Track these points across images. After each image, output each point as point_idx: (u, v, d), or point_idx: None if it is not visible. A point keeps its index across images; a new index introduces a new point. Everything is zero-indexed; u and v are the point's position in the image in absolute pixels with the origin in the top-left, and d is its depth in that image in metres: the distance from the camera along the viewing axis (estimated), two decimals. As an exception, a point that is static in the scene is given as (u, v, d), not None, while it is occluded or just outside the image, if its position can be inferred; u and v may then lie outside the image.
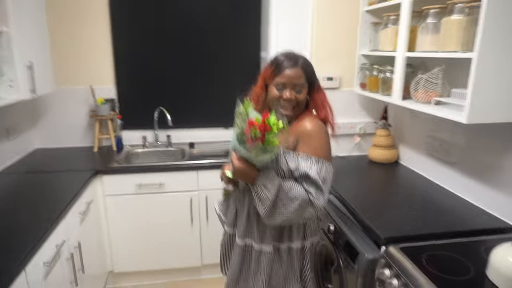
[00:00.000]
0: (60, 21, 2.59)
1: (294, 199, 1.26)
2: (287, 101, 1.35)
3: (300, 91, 1.36)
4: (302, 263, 1.48)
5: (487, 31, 1.28)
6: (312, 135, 1.33)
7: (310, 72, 1.39)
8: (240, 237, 1.46)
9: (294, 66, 1.35)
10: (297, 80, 1.34)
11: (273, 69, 1.38)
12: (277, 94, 1.36)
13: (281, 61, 1.37)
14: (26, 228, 1.54)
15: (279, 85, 1.36)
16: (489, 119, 1.40)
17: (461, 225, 1.55)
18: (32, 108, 2.68)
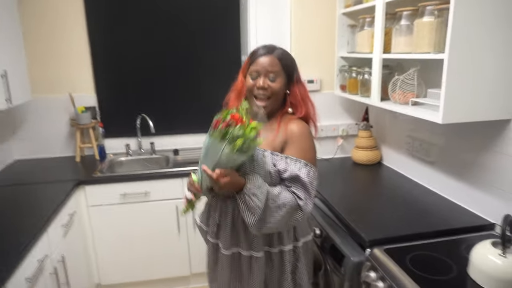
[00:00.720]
0: (35, 28, 2.55)
1: (282, 206, 1.25)
2: (261, 90, 1.33)
3: (274, 79, 1.33)
4: (294, 265, 1.45)
5: (456, 32, 1.31)
6: (300, 137, 1.33)
7: (287, 62, 1.36)
8: (225, 248, 1.40)
9: (268, 54, 1.33)
10: (271, 67, 1.32)
11: (248, 58, 1.39)
12: (251, 83, 1.35)
13: (256, 50, 1.37)
14: (5, 244, 1.51)
15: (253, 73, 1.35)
16: (464, 118, 1.44)
17: (443, 224, 1.58)
18: (9, 118, 2.62)
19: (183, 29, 2.77)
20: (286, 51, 1.38)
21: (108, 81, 2.76)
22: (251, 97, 1.37)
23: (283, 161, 1.31)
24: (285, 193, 1.27)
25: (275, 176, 1.31)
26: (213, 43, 2.82)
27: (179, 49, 2.79)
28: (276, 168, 1.30)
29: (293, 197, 1.27)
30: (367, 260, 1.44)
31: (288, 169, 1.29)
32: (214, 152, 1.19)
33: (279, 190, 1.27)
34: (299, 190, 1.28)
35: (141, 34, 2.73)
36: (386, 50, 1.77)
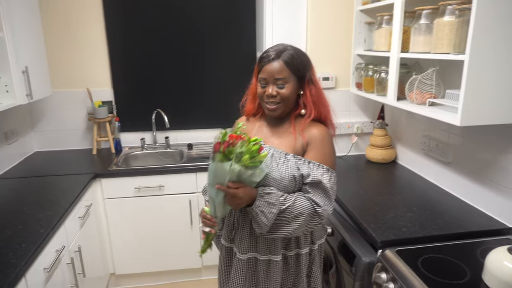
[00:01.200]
0: (54, 24, 2.60)
1: (300, 215, 1.24)
2: (271, 98, 1.30)
3: (283, 86, 1.28)
4: (310, 268, 1.44)
5: (478, 33, 1.28)
6: (322, 142, 1.31)
7: (297, 65, 1.29)
8: (242, 252, 1.37)
9: (275, 59, 1.27)
10: (278, 74, 1.27)
11: (257, 64, 1.34)
12: (261, 91, 1.32)
13: (264, 55, 1.31)
14: (25, 234, 1.56)
15: (261, 81, 1.31)
16: (483, 121, 1.40)
17: (458, 227, 1.55)
18: (30, 112, 2.70)
19: (198, 25, 2.77)
20: (296, 52, 1.31)
21: (124, 76, 2.79)
22: (262, 103, 1.35)
23: (305, 166, 1.28)
24: (302, 201, 1.25)
25: (299, 180, 1.29)
26: (229, 39, 2.82)
27: (194, 45, 2.80)
28: (300, 172, 1.28)
29: (310, 205, 1.25)
30: (378, 261, 1.44)
31: (311, 174, 1.27)
32: (222, 174, 1.18)
33: (296, 199, 1.25)
34: (319, 197, 1.26)
35: (157, 31, 2.74)
36: (404, 49, 1.74)
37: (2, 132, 2.34)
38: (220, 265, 1.51)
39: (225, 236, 1.45)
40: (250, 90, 1.44)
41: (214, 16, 2.77)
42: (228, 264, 1.46)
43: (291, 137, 1.34)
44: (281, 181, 1.27)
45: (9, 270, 1.31)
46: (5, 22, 1.90)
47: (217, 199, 1.23)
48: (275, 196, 1.23)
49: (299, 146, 1.32)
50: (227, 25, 2.80)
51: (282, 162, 1.30)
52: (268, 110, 1.34)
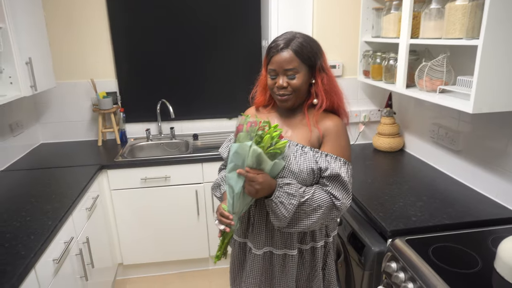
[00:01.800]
0: (57, 14, 2.57)
1: (318, 208, 1.21)
2: (281, 89, 1.26)
3: (293, 76, 1.23)
4: (325, 261, 1.42)
5: (493, 17, 1.24)
6: (337, 134, 1.28)
7: (307, 53, 1.23)
8: (257, 247, 1.35)
9: (284, 49, 1.22)
10: (288, 64, 1.22)
11: (266, 55, 1.29)
12: (271, 83, 1.28)
13: (272, 45, 1.26)
14: (34, 226, 1.56)
15: (271, 72, 1.27)
16: (496, 108, 1.37)
17: (468, 215, 1.54)
18: (34, 104, 2.69)
19: (203, 15, 2.73)
20: (306, 39, 1.25)
21: (128, 67, 2.77)
22: (273, 95, 1.31)
23: (323, 159, 1.25)
24: (321, 194, 1.23)
25: (317, 174, 1.26)
26: (234, 28, 2.78)
27: (199, 35, 2.77)
28: (318, 165, 1.25)
29: (329, 198, 1.23)
30: (388, 250, 1.43)
31: (329, 167, 1.24)
32: (242, 156, 1.15)
33: (315, 191, 1.23)
34: (337, 190, 1.24)
35: (161, 21, 2.71)
36: (414, 35, 1.70)
37: (7, 124, 2.34)
38: (233, 260, 1.47)
39: (238, 232, 1.42)
40: (260, 81, 1.39)
41: (218, 5, 2.73)
42: (242, 259, 1.44)
43: (305, 129, 1.31)
44: (299, 174, 1.24)
45: (19, 261, 1.31)
46: (7, 13, 1.87)
47: (236, 187, 1.19)
48: (294, 187, 1.20)
49: (314, 139, 1.29)
50: (232, 14, 2.75)
51: (299, 154, 1.26)
52: (279, 101, 1.30)
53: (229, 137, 1.46)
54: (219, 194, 1.41)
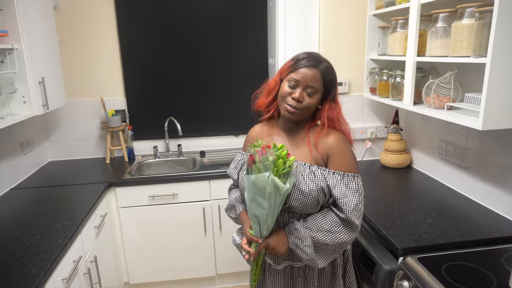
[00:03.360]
0: (68, 34, 2.64)
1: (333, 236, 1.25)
2: (295, 101, 1.27)
3: (312, 94, 1.27)
4: (344, 268, 1.44)
5: (500, 35, 1.26)
6: (342, 150, 1.30)
7: (330, 79, 1.29)
8: (277, 263, 1.37)
9: (314, 66, 1.26)
10: (312, 82, 1.25)
11: (291, 63, 1.31)
12: (287, 91, 1.28)
13: (301, 58, 1.29)
14: (43, 244, 1.56)
15: (292, 81, 1.28)
16: (505, 124, 1.38)
17: (480, 233, 1.52)
18: (44, 122, 2.73)
19: (210, 34, 2.79)
20: (331, 66, 1.32)
21: (137, 85, 2.82)
22: (281, 103, 1.32)
23: (330, 176, 1.27)
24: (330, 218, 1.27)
25: (327, 192, 1.27)
26: (240, 46, 2.83)
27: (206, 53, 2.82)
28: (327, 183, 1.26)
29: (335, 216, 1.27)
30: (399, 269, 1.41)
31: (337, 185, 1.26)
32: (261, 186, 1.17)
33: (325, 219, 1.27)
34: (348, 205, 1.24)
35: (169, 40, 2.77)
36: (420, 53, 1.72)
37: (18, 143, 2.37)
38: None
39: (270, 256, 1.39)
40: (268, 84, 1.40)
41: (225, 24, 2.79)
42: (262, 277, 1.44)
43: (305, 148, 1.34)
44: (310, 193, 1.25)
45: (29, 281, 1.31)
46: (22, 34, 1.93)
47: (261, 216, 1.21)
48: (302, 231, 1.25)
49: (318, 158, 1.31)
50: (239, 32, 2.81)
51: (307, 174, 1.28)
52: (287, 111, 1.30)
53: (236, 157, 1.49)
54: (235, 215, 1.46)
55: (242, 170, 1.40)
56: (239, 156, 1.47)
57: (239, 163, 1.45)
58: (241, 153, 1.49)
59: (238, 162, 1.46)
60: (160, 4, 2.70)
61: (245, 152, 1.45)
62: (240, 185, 1.40)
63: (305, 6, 2.36)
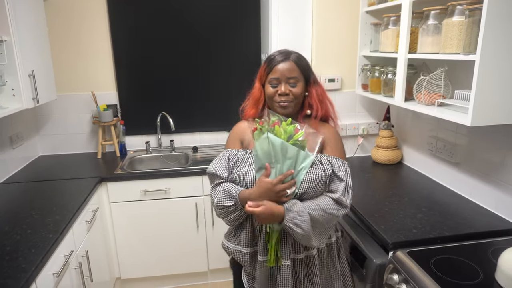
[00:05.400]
0: (59, 28, 2.61)
1: (327, 215, 1.29)
2: (283, 96, 1.35)
3: (295, 84, 1.35)
4: (338, 255, 1.49)
5: (489, 32, 1.28)
6: (336, 140, 1.42)
7: (304, 66, 1.38)
8: (285, 258, 1.34)
9: (286, 60, 1.35)
10: (290, 73, 1.34)
11: (265, 66, 1.39)
12: (273, 91, 1.36)
13: (272, 57, 1.38)
14: (34, 239, 1.55)
15: (273, 81, 1.36)
16: (494, 121, 1.40)
17: (468, 227, 1.55)
18: (34, 116, 2.69)
19: (203, 28, 2.78)
20: (301, 55, 1.40)
21: (129, 79, 2.80)
22: (272, 104, 1.38)
23: (334, 161, 1.36)
24: (323, 201, 1.30)
25: (325, 174, 1.33)
26: (233, 42, 2.82)
27: (199, 48, 2.81)
28: (332, 167, 1.34)
29: (332, 201, 1.31)
30: (390, 263, 1.43)
31: (333, 168, 1.34)
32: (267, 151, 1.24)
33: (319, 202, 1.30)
34: (339, 187, 1.32)
35: (161, 34, 2.75)
36: (412, 50, 1.74)
37: (7, 137, 2.34)
38: (261, 281, 1.40)
39: (261, 252, 1.37)
40: (252, 94, 1.44)
41: (218, 19, 2.78)
42: (267, 275, 1.40)
43: None
44: (319, 180, 1.31)
45: (20, 275, 1.30)
46: (11, 26, 1.90)
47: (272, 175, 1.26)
48: (300, 205, 1.27)
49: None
50: (232, 28, 2.80)
51: (315, 162, 1.33)
52: (280, 108, 1.37)
53: (220, 154, 1.45)
54: (232, 201, 1.32)
55: (236, 166, 1.38)
56: (224, 154, 1.43)
57: (232, 159, 1.40)
58: (226, 150, 1.45)
59: (224, 159, 1.41)
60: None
61: (228, 149, 1.44)
62: (238, 179, 1.36)
63: (298, 2, 2.36)
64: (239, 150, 1.42)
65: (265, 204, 1.22)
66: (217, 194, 1.36)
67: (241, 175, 1.35)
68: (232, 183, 1.37)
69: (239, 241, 1.42)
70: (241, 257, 1.42)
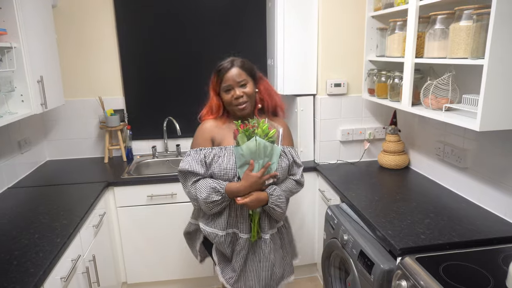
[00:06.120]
0: (67, 34, 2.64)
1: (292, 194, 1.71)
2: (239, 98, 1.57)
3: (245, 85, 1.58)
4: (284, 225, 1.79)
5: (497, 37, 1.27)
6: (288, 130, 1.75)
7: (249, 68, 1.62)
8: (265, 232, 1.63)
9: (232, 67, 1.57)
10: (239, 78, 1.57)
11: (215, 77, 1.61)
12: (229, 96, 1.58)
13: (220, 67, 1.60)
14: (42, 243, 1.56)
15: (225, 88, 1.58)
16: (502, 126, 1.39)
17: (477, 233, 1.53)
18: (42, 121, 2.72)
19: (209, 35, 2.80)
20: (243, 59, 1.63)
21: (136, 85, 2.82)
22: (231, 107, 1.61)
23: (292, 152, 1.69)
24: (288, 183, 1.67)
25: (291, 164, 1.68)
26: (239, 47, 2.83)
27: (205, 53, 2.82)
28: (292, 156, 1.67)
29: (293, 182, 1.69)
30: (398, 269, 1.42)
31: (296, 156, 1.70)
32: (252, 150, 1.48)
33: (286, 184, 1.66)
34: (298, 169, 1.71)
35: (168, 40, 2.77)
36: (418, 55, 1.74)
37: (16, 142, 2.36)
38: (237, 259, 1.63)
39: (244, 231, 1.62)
40: (210, 104, 1.66)
41: (224, 24, 2.80)
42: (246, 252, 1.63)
43: None
44: (286, 167, 1.64)
45: (28, 279, 1.31)
46: (21, 33, 1.92)
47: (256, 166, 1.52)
48: (279, 189, 1.60)
49: None
50: (238, 33, 2.82)
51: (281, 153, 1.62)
52: (239, 111, 1.60)
53: (191, 153, 1.62)
54: (219, 195, 1.52)
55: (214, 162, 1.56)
56: (198, 152, 1.59)
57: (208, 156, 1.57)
58: (196, 150, 1.61)
59: (198, 157, 1.58)
60: (160, 4, 2.70)
61: (202, 148, 1.60)
62: (219, 173, 1.55)
63: (304, 7, 2.37)
64: (213, 147, 1.60)
65: (253, 194, 1.51)
66: (202, 191, 1.53)
67: (222, 170, 1.54)
68: (210, 178, 1.57)
69: (216, 225, 1.61)
70: (217, 239, 1.62)
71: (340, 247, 1.82)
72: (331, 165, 2.50)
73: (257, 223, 1.59)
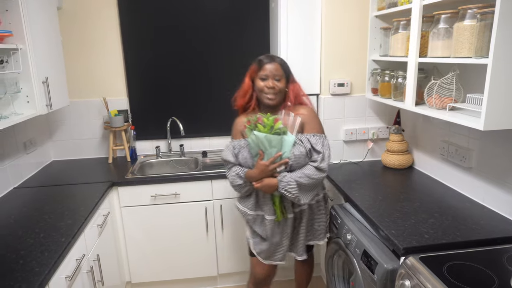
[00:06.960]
0: (72, 36, 2.65)
1: (311, 179, 1.72)
2: (271, 88, 1.76)
3: (279, 80, 1.78)
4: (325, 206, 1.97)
5: (501, 36, 1.26)
6: (313, 118, 1.83)
7: (286, 67, 1.82)
8: (289, 212, 1.83)
9: (274, 61, 1.79)
10: (276, 71, 1.77)
11: (256, 65, 1.81)
12: (262, 84, 1.78)
13: (262, 59, 1.81)
14: (47, 243, 1.58)
15: (262, 77, 1.78)
16: (507, 125, 1.38)
17: (481, 233, 1.52)
18: (47, 122, 2.74)
19: (212, 34, 2.80)
20: (282, 59, 1.84)
21: (140, 85, 2.83)
22: (261, 94, 1.80)
23: (311, 138, 1.77)
24: (307, 170, 1.73)
25: (306, 150, 1.75)
26: (243, 47, 2.84)
27: (208, 54, 2.83)
28: (309, 144, 1.75)
29: (314, 168, 1.73)
30: (401, 268, 1.42)
31: (318, 142, 1.76)
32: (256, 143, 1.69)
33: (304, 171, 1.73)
34: (318, 156, 1.74)
35: (171, 41, 2.78)
36: (422, 54, 1.73)
37: (21, 142, 2.38)
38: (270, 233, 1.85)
39: (269, 213, 1.83)
40: (243, 87, 1.88)
41: (227, 24, 2.80)
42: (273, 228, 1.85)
43: None
44: (300, 156, 1.73)
45: (34, 278, 1.32)
46: (27, 35, 1.94)
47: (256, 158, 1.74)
48: (288, 176, 1.71)
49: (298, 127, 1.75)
50: (241, 33, 2.82)
51: (296, 142, 1.73)
52: (267, 99, 1.79)
53: (228, 143, 1.90)
54: (241, 180, 1.79)
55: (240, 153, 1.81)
56: (230, 144, 1.88)
57: (235, 148, 1.83)
58: (232, 140, 1.88)
59: (231, 148, 1.85)
60: (163, 6, 2.72)
61: (233, 140, 1.88)
62: (242, 162, 1.81)
63: (307, 7, 2.37)
64: (240, 140, 1.84)
65: (263, 181, 1.71)
66: (231, 175, 1.83)
67: (243, 159, 1.80)
68: (239, 166, 1.82)
69: (246, 205, 1.89)
70: (247, 216, 1.90)
71: (344, 246, 1.82)
72: (334, 164, 2.50)
73: (279, 205, 1.78)
